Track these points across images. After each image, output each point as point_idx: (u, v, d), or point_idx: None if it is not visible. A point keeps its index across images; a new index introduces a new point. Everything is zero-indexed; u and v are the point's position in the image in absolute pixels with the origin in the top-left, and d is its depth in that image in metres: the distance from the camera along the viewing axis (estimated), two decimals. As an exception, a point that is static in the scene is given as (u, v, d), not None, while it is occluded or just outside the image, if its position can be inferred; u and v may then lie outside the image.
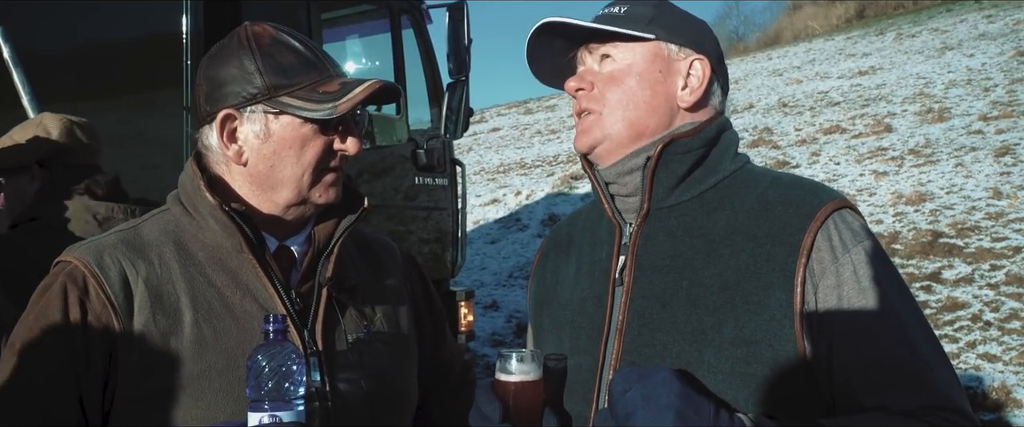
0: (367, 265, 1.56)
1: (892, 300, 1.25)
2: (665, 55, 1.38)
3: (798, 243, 1.25)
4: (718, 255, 1.30)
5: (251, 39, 1.39)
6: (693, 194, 1.36)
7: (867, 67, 16.81)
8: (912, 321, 1.25)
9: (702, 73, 1.39)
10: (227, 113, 1.39)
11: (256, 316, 1.36)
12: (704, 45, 1.41)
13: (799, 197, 1.31)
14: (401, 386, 1.52)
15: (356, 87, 1.37)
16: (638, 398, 1.12)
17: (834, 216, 1.28)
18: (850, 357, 1.22)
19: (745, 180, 1.37)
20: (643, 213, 1.37)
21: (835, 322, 1.23)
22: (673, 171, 1.35)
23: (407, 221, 5.28)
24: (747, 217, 1.31)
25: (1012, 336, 6.28)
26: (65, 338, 1.31)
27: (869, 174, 10.38)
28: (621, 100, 1.37)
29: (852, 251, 1.26)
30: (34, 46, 3.37)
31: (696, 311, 1.28)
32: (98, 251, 1.37)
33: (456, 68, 5.28)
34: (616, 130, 1.37)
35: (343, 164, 1.44)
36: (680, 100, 1.38)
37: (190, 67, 3.64)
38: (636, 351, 1.31)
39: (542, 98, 23.14)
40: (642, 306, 1.32)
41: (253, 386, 1.18)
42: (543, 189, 12.84)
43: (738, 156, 1.41)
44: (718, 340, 1.25)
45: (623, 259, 1.37)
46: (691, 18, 1.44)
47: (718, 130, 1.39)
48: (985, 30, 17.32)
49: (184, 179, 1.45)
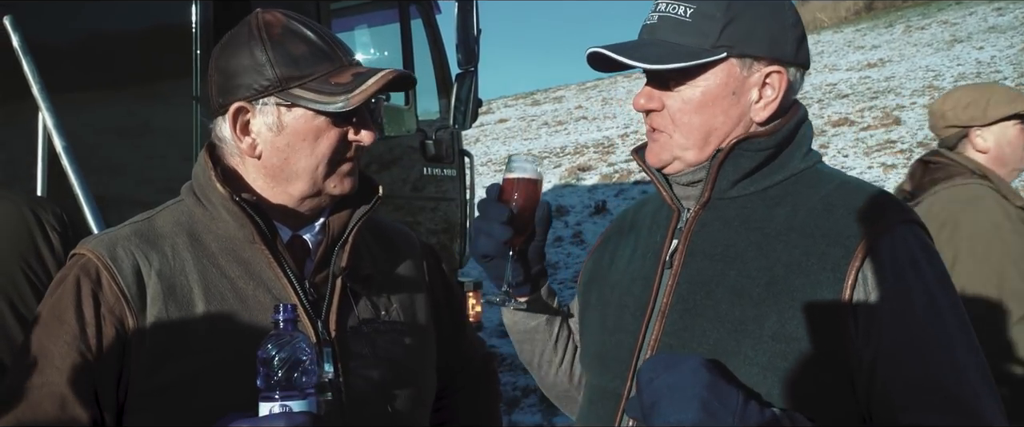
0: (384, 254, 1.56)
1: (946, 322, 1.21)
2: (738, 73, 1.31)
3: (855, 247, 1.22)
4: (771, 249, 1.27)
5: (262, 28, 1.38)
6: (757, 189, 1.34)
7: (876, 59, 16.73)
8: (964, 346, 1.22)
9: (778, 85, 1.32)
10: (239, 106, 1.38)
11: (269, 307, 1.35)
12: (783, 44, 1.32)
13: (865, 203, 1.27)
14: (417, 376, 1.52)
15: (369, 78, 1.36)
16: (664, 387, 1.11)
17: (900, 228, 1.24)
18: (895, 371, 1.19)
19: (812, 180, 1.34)
20: (703, 201, 1.35)
21: (884, 334, 1.20)
22: (741, 166, 1.33)
23: (415, 212, 5.28)
24: (807, 215, 1.28)
25: (1021, 330, 6.25)
26: (79, 332, 1.32)
27: (877, 167, 10.34)
28: (693, 127, 1.32)
29: (912, 266, 1.22)
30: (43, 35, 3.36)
31: (740, 301, 1.26)
32: (111, 243, 1.37)
33: (465, 59, 5.26)
34: (688, 155, 1.34)
35: (359, 155, 1.43)
36: (754, 114, 1.33)
37: (199, 57, 3.63)
38: (675, 334, 1.30)
39: (549, 89, 23.09)
40: (687, 291, 1.31)
41: (264, 376, 1.18)
42: (550, 180, 12.83)
43: (810, 154, 1.37)
44: (758, 333, 1.23)
45: (675, 243, 1.36)
46: (767, 8, 1.32)
47: (796, 125, 1.35)
48: (995, 23, 17.21)
49: (197, 170, 1.45)
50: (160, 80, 3.80)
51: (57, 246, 1.82)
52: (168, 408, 1.32)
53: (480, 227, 1.38)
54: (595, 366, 1.45)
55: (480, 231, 1.38)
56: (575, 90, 21.53)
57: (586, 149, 14.66)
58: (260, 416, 1.18)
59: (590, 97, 20.28)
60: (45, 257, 1.79)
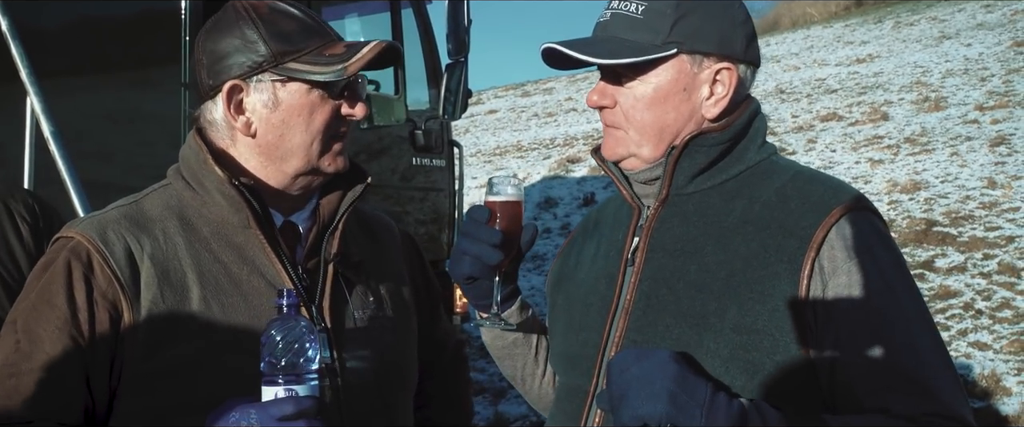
0: (368, 242, 1.56)
1: (904, 305, 1.24)
2: (689, 70, 1.32)
3: (809, 237, 1.24)
4: (729, 242, 1.29)
5: (249, 10, 1.38)
6: (714, 183, 1.35)
7: (865, 55, 16.78)
8: (921, 327, 1.24)
9: (728, 82, 1.33)
10: (233, 84, 1.37)
11: (264, 292, 1.36)
12: (731, 43, 1.34)
13: (818, 192, 1.29)
14: (404, 362, 1.53)
15: (363, 47, 1.36)
16: (633, 379, 1.12)
17: (852, 215, 1.26)
18: (856, 358, 1.21)
19: (767, 171, 1.35)
20: (662, 198, 1.36)
21: (843, 321, 1.22)
22: (696, 161, 1.34)
23: (404, 202, 5.28)
24: (763, 208, 1.30)
25: (1003, 325, 6.31)
26: (71, 316, 1.30)
27: (865, 162, 10.39)
28: (645, 123, 1.34)
29: (867, 252, 1.24)
30: (31, 20, 3.35)
31: (700, 295, 1.27)
32: (101, 226, 1.36)
33: (455, 49, 5.25)
34: (643, 151, 1.35)
35: (349, 132, 1.43)
36: (705, 111, 1.34)
37: (188, 43, 3.62)
38: (639, 331, 1.31)
39: (539, 81, 23.06)
40: (650, 287, 1.32)
41: (268, 361, 1.18)
42: (539, 172, 12.83)
43: (765, 146, 1.39)
44: (719, 326, 1.25)
45: (637, 240, 1.37)
46: (717, 6, 1.34)
47: (748, 119, 1.36)
48: (983, 20, 17.28)
49: (187, 153, 1.43)
50: (149, 66, 3.79)
51: (27, 237, 1.80)
52: (162, 394, 1.32)
53: (467, 250, 1.36)
54: (563, 365, 1.47)
55: (466, 254, 1.36)
56: (565, 82, 21.51)
57: (575, 141, 14.67)
58: (266, 401, 1.18)
59: (580, 89, 20.26)
60: (14, 248, 1.78)
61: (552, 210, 11.08)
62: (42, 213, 1.88)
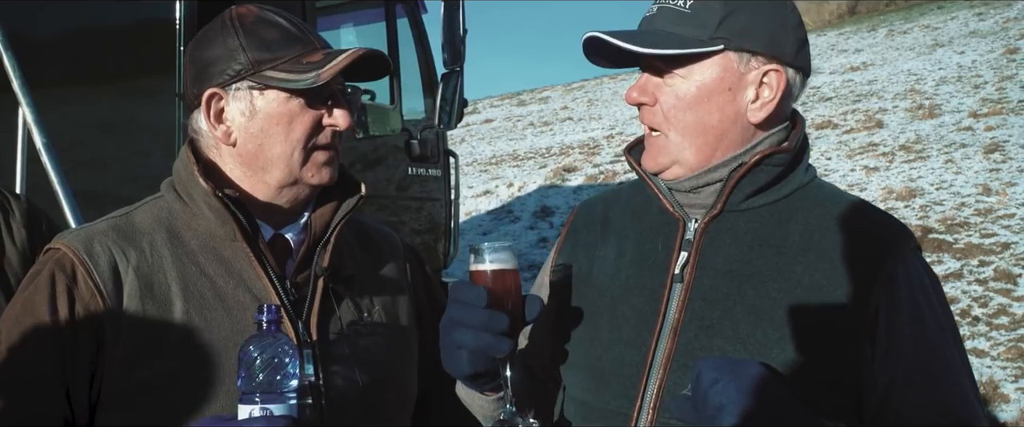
0: (366, 255, 1.54)
1: (953, 348, 1.27)
2: (734, 68, 1.25)
3: (875, 275, 1.24)
4: (789, 270, 1.26)
5: (235, 19, 1.38)
6: (766, 202, 1.31)
7: (859, 63, 16.83)
8: (965, 371, 1.28)
9: (776, 85, 1.26)
10: (212, 92, 1.37)
11: (249, 306, 1.34)
12: (781, 44, 1.27)
13: (879, 230, 1.29)
14: (399, 379, 1.50)
15: (339, 55, 1.34)
16: (733, 390, 1.08)
17: (911, 255, 1.28)
18: (909, 395, 1.23)
19: (817, 196, 1.33)
20: (714, 213, 1.30)
21: (901, 358, 1.24)
22: (758, 180, 1.29)
23: (400, 212, 5.27)
24: (822, 237, 1.27)
25: (1000, 332, 6.31)
26: (52, 328, 1.28)
27: (860, 169, 10.41)
28: (687, 125, 1.27)
29: (924, 293, 1.26)
30: (25, 31, 3.34)
31: (760, 323, 1.24)
32: (88, 238, 1.34)
33: (450, 58, 5.26)
34: (685, 157, 1.29)
35: (336, 143, 1.41)
36: (750, 115, 1.27)
37: (182, 53, 3.61)
38: (689, 353, 1.25)
39: (535, 90, 23.09)
40: (701, 308, 1.27)
41: (244, 378, 1.15)
42: (535, 181, 12.83)
43: (810, 168, 1.37)
44: (781, 356, 1.22)
45: (685, 255, 1.30)
46: (769, 5, 1.28)
47: (803, 140, 1.33)
48: (976, 28, 17.36)
49: (178, 166, 1.42)
50: (144, 76, 3.77)
51: (21, 242, 1.79)
52: (143, 408, 1.30)
53: (465, 343, 1.19)
54: (587, 382, 1.35)
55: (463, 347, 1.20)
56: (561, 91, 21.54)
57: (572, 150, 14.67)
58: (239, 419, 1.15)
59: (576, 98, 20.29)
60: (10, 254, 1.77)
61: (548, 219, 11.07)
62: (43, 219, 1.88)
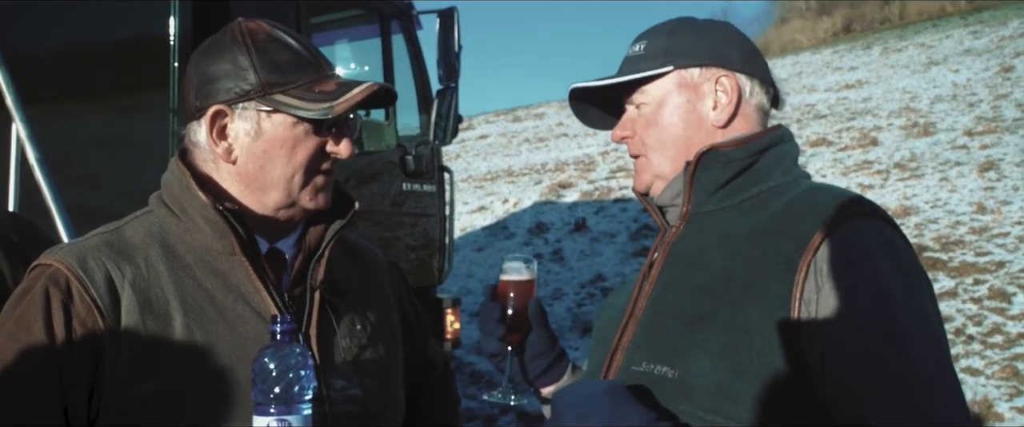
0: (355, 270, 1.54)
1: (897, 312, 1.20)
2: (689, 82, 1.41)
3: (807, 240, 1.24)
4: (734, 250, 1.32)
5: (246, 35, 1.36)
6: (734, 201, 1.37)
7: (854, 81, 16.92)
8: (919, 337, 1.20)
9: (730, 88, 1.40)
10: (218, 109, 1.35)
11: (249, 320, 1.33)
12: (727, 55, 1.41)
13: (824, 200, 1.29)
14: (392, 390, 1.51)
15: (354, 88, 1.34)
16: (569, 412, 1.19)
17: (857, 221, 1.25)
18: (842, 363, 1.18)
19: (786, 189, 1.36)
20: (682, 215, 1.40)
21: (833, 325, 1.19)
22: (713, 178, 1.37)
23: (394, 227, 5.26)
24: (771, 218, 1.32)
25: (994, 350, 6.31)
26: (49, 345, 1.26)
27: (855, 187, 10.43)
28: (660, 139, 1.42)
29: (866, 257, 1.22)
30: (18, 45, 3.34)
31: (699, 298, 1.30)
32: (81, 253, 1.33)
33: (446, 75, 5.26)
34: (663, 168, 1.43)
35: (334, 168, 1.42)
36: (714, 120, 1.40)
37: (177, 69, 3.61)
38: (644, 334, 1.35)
39: (530, 106, 23.16)
40: (659, 294, 1.36)
41: (260, 389, 1.14)
42: (530, 197, 12.84)
43: (793, 170, 1.40)
44: (711, 324, 1.26)
45: (657, 255, 1.42)
46: (708, 29, 1.45)
47: (770, 143, 1.39)
48: (970, 46, 17.46)
49: (169, 179, 1.41)
50: (137, 92, 3.78)
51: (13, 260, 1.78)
52: (146, 424, 1.28)
53: (481, 328, 1.50)
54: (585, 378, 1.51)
55: (482, 332, 1.50)
56: (556, 107, 21.59)
57: (567, 166, 14.70)
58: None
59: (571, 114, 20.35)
60: (4, 272, 1.76)
61: (543, 236, 11.07)
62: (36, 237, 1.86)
